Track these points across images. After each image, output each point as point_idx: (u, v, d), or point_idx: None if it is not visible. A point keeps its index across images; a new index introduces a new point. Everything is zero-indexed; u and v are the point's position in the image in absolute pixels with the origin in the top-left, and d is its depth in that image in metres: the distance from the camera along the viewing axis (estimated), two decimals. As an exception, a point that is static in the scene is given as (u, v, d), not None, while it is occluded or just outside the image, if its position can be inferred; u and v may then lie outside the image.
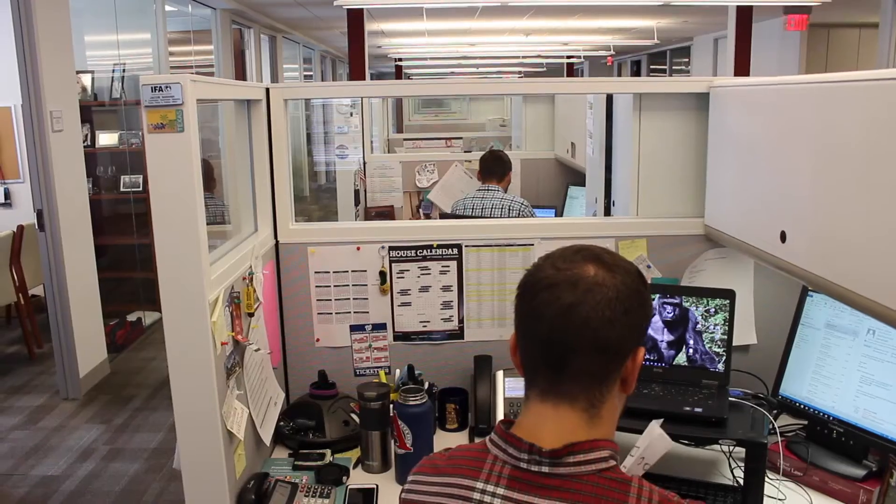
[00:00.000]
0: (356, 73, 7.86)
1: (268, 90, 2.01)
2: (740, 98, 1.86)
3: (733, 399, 1.81)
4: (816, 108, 1.44)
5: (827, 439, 1.77)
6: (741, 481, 1.66)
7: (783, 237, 1.56)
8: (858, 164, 1.29)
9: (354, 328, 2.11)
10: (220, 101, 1.90)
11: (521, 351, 1.06)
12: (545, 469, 0.98)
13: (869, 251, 1.27)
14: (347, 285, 2.09)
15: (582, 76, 17.91)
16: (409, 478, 1.11)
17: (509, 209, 3.79)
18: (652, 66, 15.90)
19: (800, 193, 1.50)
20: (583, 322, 0.98)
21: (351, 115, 4.81)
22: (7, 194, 5.99)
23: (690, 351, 1.90)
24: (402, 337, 2.12)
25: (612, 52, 13.45)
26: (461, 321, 2.12)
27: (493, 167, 3.94)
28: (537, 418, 1.03)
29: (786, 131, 1.57)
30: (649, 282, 2.06)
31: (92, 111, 5.79)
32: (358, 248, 2.07)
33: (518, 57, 14.34)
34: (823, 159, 1.41)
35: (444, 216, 4.44)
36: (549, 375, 1.02)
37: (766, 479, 1.65)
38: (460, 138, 6.39)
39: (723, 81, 1.98)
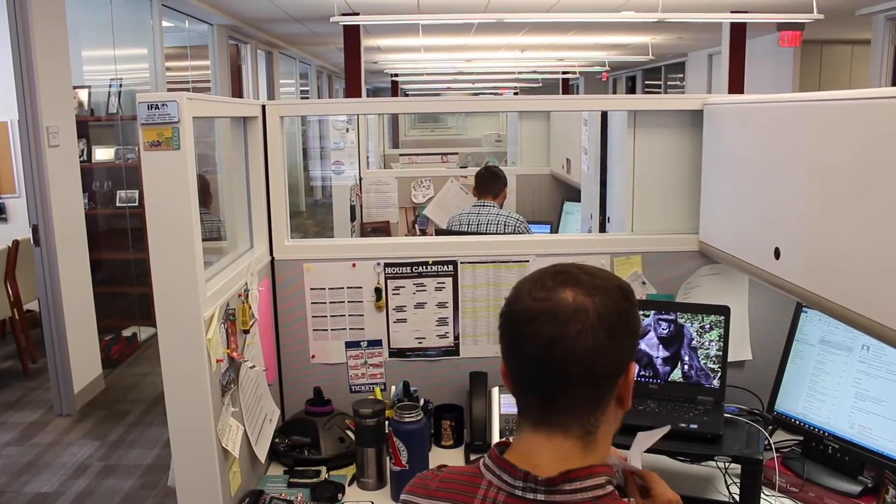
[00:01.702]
0: (352, 89, 7.90)
1: (264, 107, 2.02)
2: (734, 116, 1.88)
3: (729, 415, 1.81)
4: (810, 127, 1.45)
5: (822, 455, 1.77)
6: (737, 498, 1.66)
7: (777, 254, 1.57)
8: (852, 182, 1.30)
9: (350, 345, 2.11)
10: (217, 118, 1.90)
11: (511, 382, 1.05)
12: (541, 497, 0.97)
13: (862, 268, 1.28)
14: (343, 302, 2.09)
15: (577, 91, 18.00)
16: (402, 496, 1.10)
17: (505, 225, 3.80)
18: (647, 82, 16.00)
19: (793, 210, 1.51)
20: (567, 355, 0.96)
21: (347, 130, 4.83)
22: (2, 209, 5.99)
23: (685, 367, 1.90)
24: (397, 353, 2.12)
25: (607, 68, 13.54)
26: (456, 337, 2.12)
27: (489, 183, 3.95)
28: (531, 446, 1.01)
29: (779, 149, 1.58)
30: (644, 298, 2.07)
31: (88, 126, 5.80)
32: (353, 265, 2.07)
33: (514, 72, 14.43)
34: (817, 177, 1.42)
35: (439, 232, 4.45)
36: (540, 408, 1.01)
37: (762, 495, 1.65)
38: (456, 154, 6.42)
39: (717, 99, 2.00)
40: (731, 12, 7.35)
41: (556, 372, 0.97)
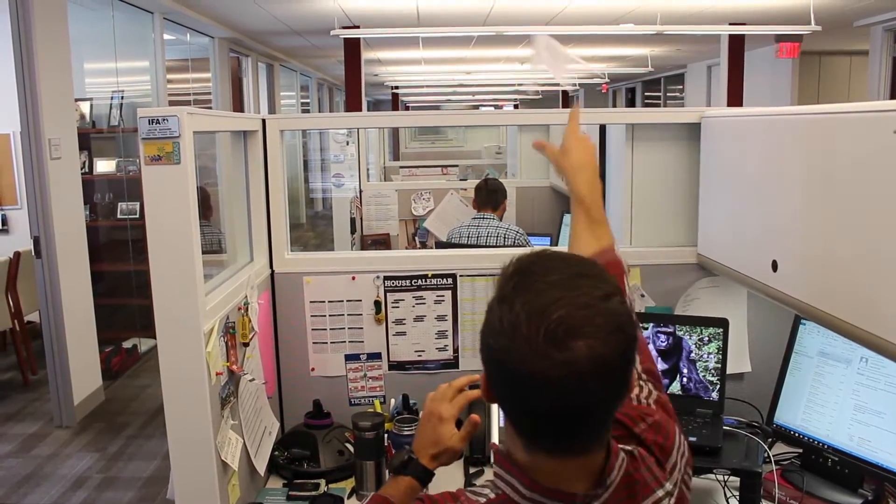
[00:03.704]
0: (353, 102, 7.93)
1: (264, 121, 2.03)
2: (731, 128, 1.89)
3: (728, 427, 1.81)
4: (807, 140, 1.46)
5: (822, 468, 1.77)
6: (736, 511, 1.66)
7: (775, 266, 1.58)
8: (849, 195, 1.31)
9: (349, 357, 2.11)
10: (217, 132, 1.92)
11: (511, 419, 0.97)
12: (606, 495, 0.95)
13: (860, 280, 1.28)
14: (342, 315, 2.09)
15: (577, 103, 18.02)
16: None
17: (504, 237, 3.80)
18: (646, 93, 16.03)
19: (791, 223, 1.52)
20: (590, 408, 0.90)
21: (347, 143, 4.84)
22: (4, 220, 6.00)
23: (684, 380, 1.91)
24: (396, 366, 2.12)
25: (606, 80, 13.57)
26: (456, 350, 2.12)
27: (489, 196, 3.96)
28: (555, 468, 0.95)
29: (776, 162, 1.59)
30: (643, 310, 2.07)
31: (90, 138, 5.81)
32: (353, 278, 2.08)
33: (514, 84, 14.47)
34: (814, 189, 1.43)
35: (439, 244, 4.46)
36: (555, 442, 0.93)
37: (761, 508, 1.65)
38: (456, 166, 6.43)
39: (714, 112, 2.01)
40: (730, 24, 7.39)
41: (576, 421, 0.91)
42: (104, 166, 5.91)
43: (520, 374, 0.88)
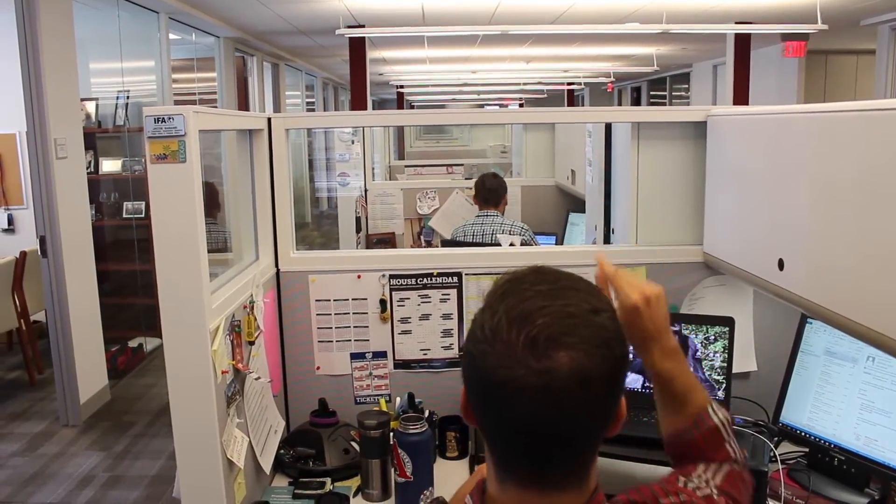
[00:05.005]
0: (358, 101, 7.93)
1: (269, 120, 2.03)
2: (737, 127, 1.88)
3: (733, 426, 1.80)
4: (813, 138, 1.46)
5: (828, 467, 1.76)
6: (742, 510, 1.66)
7: (781, 265, 1.57)
8: (856, 193, 1.31)
9: (355, 356, 2.11)
10: (223, 131, 1.92)
11: (486, 437, 0.90)
12: None
13: (866, 279, 1.28)
14: (348, 313, 2.09)
15: (582, 102, 18.02)
16: None
17: (510, 234, 3.80)
18: (652, 92, 16.00)
19: (797, 222, 1.51)
20: (569, 428, 0.84)
21: (352, 142, 4.84)
22: (10, 220, 6.02)
23: (690, 378, 1.90)
24: (402, 365, 2.12)
25: (612, 79, 13.57)
26: (461, 349, 2.12)
27: (489, 194, 3.97)
28: (523, 502, 0.89)
29: (783, 160, 1.58)
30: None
31: (96, 138, 5.83)
32: (358, 277, 2.08)
33: (519, 83, 14.47)
34: (820, 188, 1.43)
35: (444, 243, 4.46)
36: (530, 469, 0.87)
37: (768, 507, 1.64)
38: (461, 165, 6.43)
39: (720, 110, 2.00)
40: (736, 23, 7.37)
41: (551, 444, 0.85)
42: (110, 166, 5.93)
43: (495, 382, 0.83)
